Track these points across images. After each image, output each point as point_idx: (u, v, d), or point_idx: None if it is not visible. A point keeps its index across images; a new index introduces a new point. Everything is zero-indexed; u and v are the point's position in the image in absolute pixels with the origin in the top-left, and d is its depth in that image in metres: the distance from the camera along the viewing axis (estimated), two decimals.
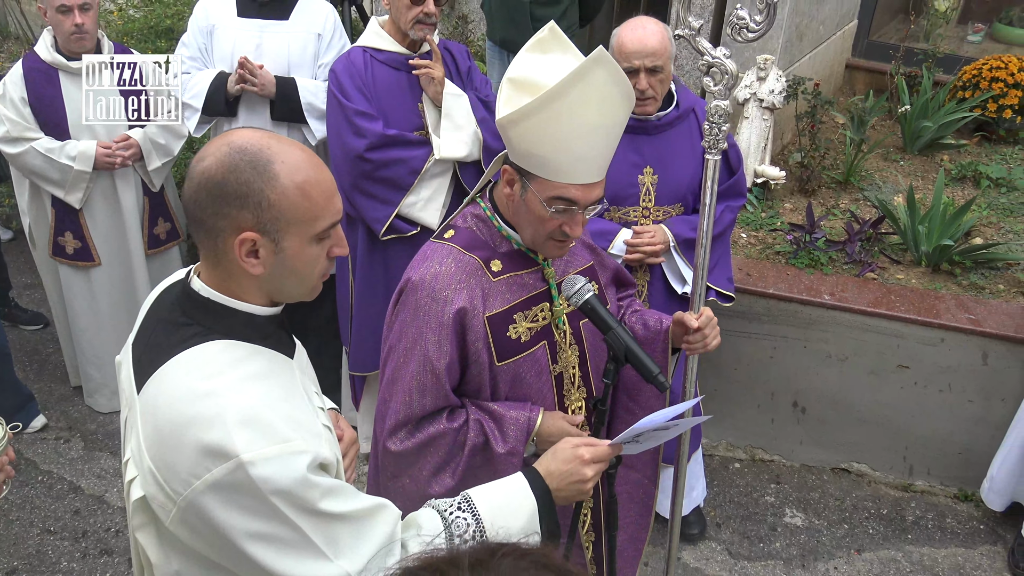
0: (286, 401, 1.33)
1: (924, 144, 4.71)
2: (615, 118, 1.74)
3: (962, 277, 3.73)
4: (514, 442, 1.86)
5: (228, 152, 1.29)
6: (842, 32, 5.20)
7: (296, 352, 1.49)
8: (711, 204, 2.11)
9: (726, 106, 2.03)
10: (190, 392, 1.27)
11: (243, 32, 3.44)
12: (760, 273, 3.75)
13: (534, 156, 1.75)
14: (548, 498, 1.56)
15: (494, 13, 4.20)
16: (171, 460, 1.26)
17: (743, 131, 4.22)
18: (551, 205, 1.77)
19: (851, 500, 3.73)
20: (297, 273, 1.37)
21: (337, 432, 1.67)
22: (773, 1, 1.88)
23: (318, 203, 1.32)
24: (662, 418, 1.64)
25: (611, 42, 2.87)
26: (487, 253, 1.90)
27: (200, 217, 1.31)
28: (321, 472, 1.32)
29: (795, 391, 3.81)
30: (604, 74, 1.66)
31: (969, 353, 3.50)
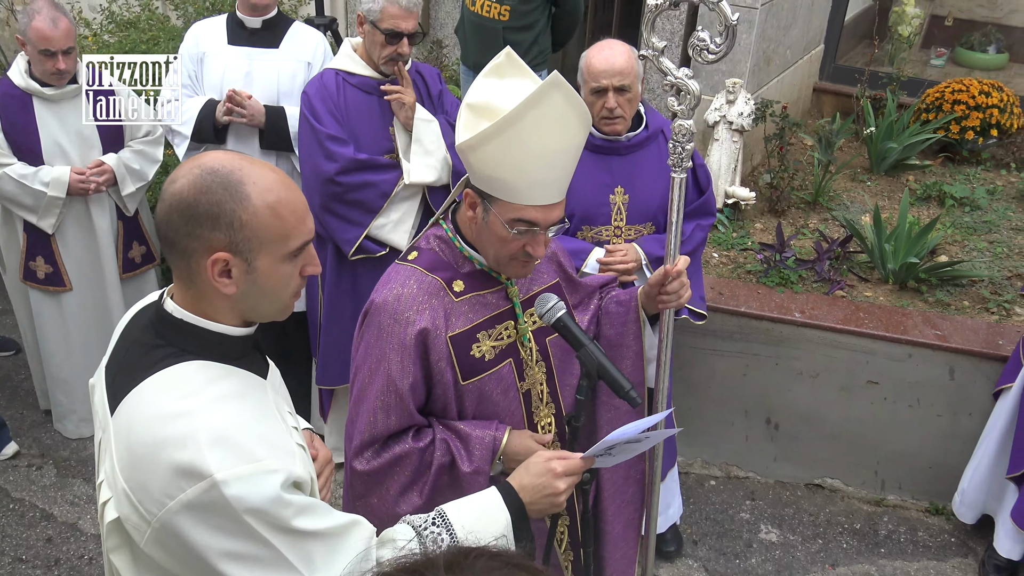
0: (259, 421, 1.34)
1: (890, 165, 4.81)
2: (572, 140, 1.78)
3: (928, 294, 3.81)
4: (480, 461, 1.88)
5: (200, 174, 1.30)
6: (809, 56, 5.32)
7: (269, 372, 1.50)
8: (678, 222, 2.14)
9: (690, 125, 2.08)
10: (163, 413, 1.28)
11: (233, 60, 3.47)
12: (732, 292, 3.81)
13: (494, 179, 1.78)
14: (522, 512, 1.59)
15: (468, 38, 4.26)
16: (145, 481, 1.27)
17: (713, 153, 4.30)
18: (513, 227, 1.80)
19: (825, 515, 3.77)
20: (270, 292, 1.38)
21: (312, 452, 1.67)
22: (732, 24, 1.92)
23: (290, 223, 1.34)
24: (633, 430, 1.67)
25: (580, 63, 2.94)
26: (449, 274, 1.92)
27: (172, 238, 1.33)
28: (295, 490, 1.32)
29: (768, 408, 3.86)
30: (560, 97, 1.70)
31: (936, 368, 3.56)
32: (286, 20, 3.56)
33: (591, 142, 3.01)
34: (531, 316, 2.02)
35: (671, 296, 2.07)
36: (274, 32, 3.49)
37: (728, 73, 4.33)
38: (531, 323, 2.01)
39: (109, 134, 3.65)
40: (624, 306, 2.16)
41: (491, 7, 4.09)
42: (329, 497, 1.70)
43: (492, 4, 4.08)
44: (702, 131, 4.45)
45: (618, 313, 2.16)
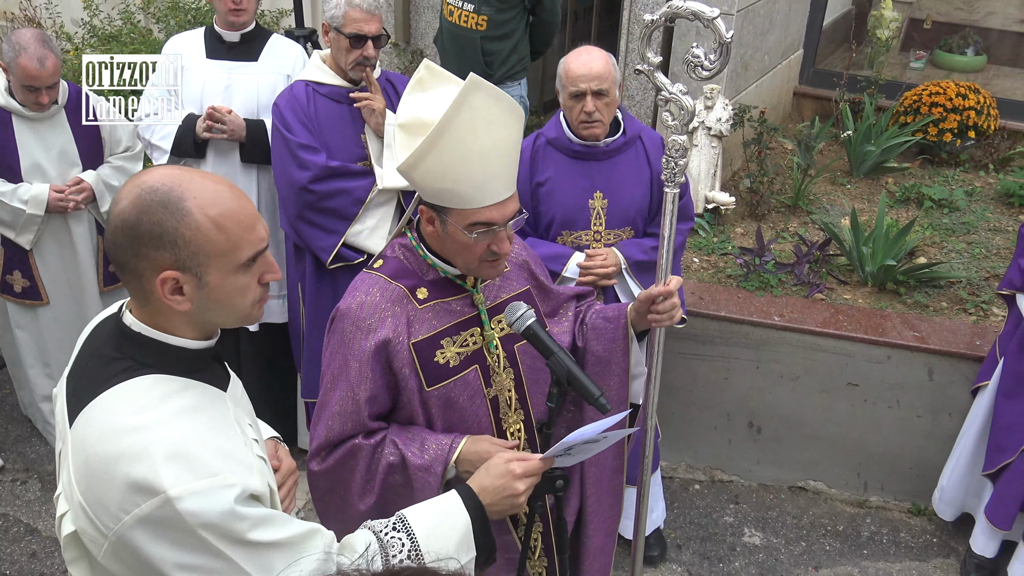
0: (216, 434, 1.34)
1: (869, 168, 4.85)
2: (506, 134, 1.80)
3: (907, 296, 3.84)
4: (431, 460, 1.89)
5: (139, 193, 1.30)
6: (788, 61, 5.36)
7: (230, 384, 1.51)
8: (670, 237, 2.14)
9: (683, 141, 2.08)
10: (119, 427, 1.28)
11: (212, 74, 3.47)
12: (712, 296, 3.83)
13: (442, 191, 1.81)
14: (482, 514, 1.61)
15: (447, 48, 4.29)
16: (100, 495, 1.27)
17: (693, 158, 4.33)
18: (472, 232, 1.82)
19: (808, 518, 3.79)
20: (227, 305, 1.38)
21: (274, 463, 1.69)
22: (727, 41, 1.93)
23: (236, 234, 1.33)
24: (592, 431, 1.69)
25: (558, 69, 2.97)
26: (413, 281, 1.95)
27: (121, 260, 1.33)
28: (253, 503, 1.33)
29: (750, 411, 3.88)
30: (482, 96, 1.73)
31: (915, 369, 3.59)
32: (264, 33, 3.57)
33: (569, 147, 3.04)
34: (499, 323, 2.03)
35: (662, 316, 2.08)
36: (252, 45, 3.50)
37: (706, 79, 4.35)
38: (498, 330, 2.03)
39: (88, 151, 3.65)
40: (613, 322, 2.17)
41: (468, 17, 4.11)
42: (293, 506, 1.71)
43: (469, 14, 4.11)
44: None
45: (606, 329, 2.17)
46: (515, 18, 4.13)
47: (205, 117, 3.36)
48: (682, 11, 1.93)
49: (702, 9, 1.89)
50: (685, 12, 1.92)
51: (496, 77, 4.22)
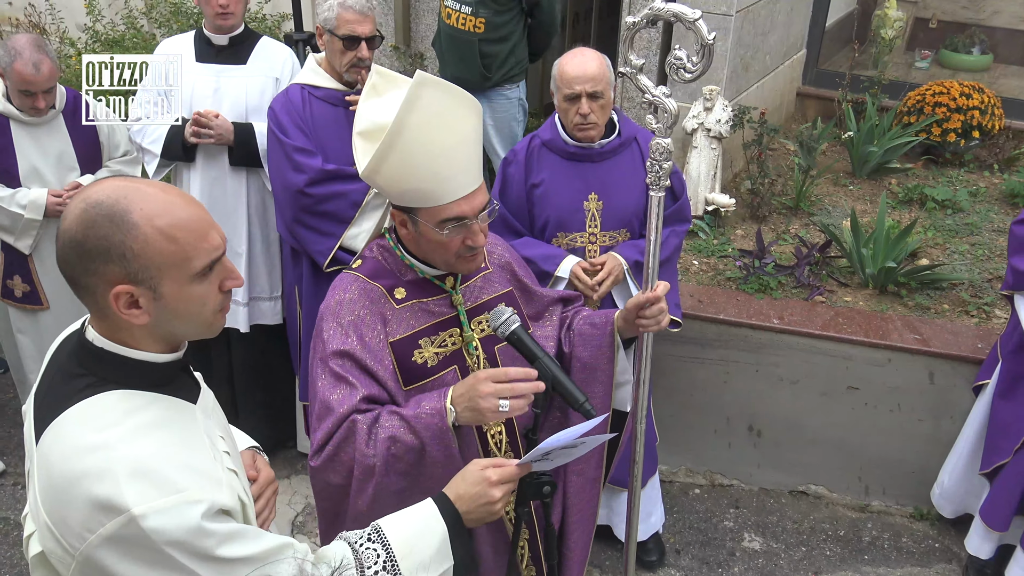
0: (183, 449, 1.32)
1: (872, 169, 4.81)
2: (463, 126, 1.80)
3: (908, 298, 3.80)
4: (431, 406, 1.85)
5: (84, 208, 1.27)
6: (791, 62, 5.32)
7: (200, 396, 1.48)
8: (656, 241, 2.13)
9: (668, 144, 2.07)
10: (81, 445, 1.26)
11: (201, 77, 3.47)
12: (711, 299, 3.80)
13: (408, 192, 1.81)
14: (459, 522, 1.58)
15: (444, 51, 4.28)
16: (65, 515, 1.26)
17: (692, 160, 4.30)
18: (443, 228, 1.82)
19: (809, 522, 3.76)
20: (185, 315, 1.35)
21: (252, 473, 1.67)
22: (708, 43, 1.91)
23: (188, 243, 1.30)
24: (570, 436, 1.67)
25: (553, 71, 2.96)
26: (391, 281, 1.95)
27: (72, 277, 1.31)
28: (222, 518, 1.31)
29: (750, 415, 3.85)
30: (432, 92, 1.73)
31: (916, 373, 3.55)
32: (254, 36, 3.57)
33: (564, 149, 3.03)
34: (479, 324, 2.02)
35: (650, 321, 2.06)
36: (241, 48, 3.50)
37: (705, 80, 4.32)
38: (479, 331, 2.02)
39: (86, 156, 3.66)
40: (599, 328, 2.15)
41: (466, 20, 4.10)
42: (273, 517, 1.69)
43: (467, 17, 4.10)
44: (681, 138, 4.45)
45: (593, 335, 2.16)
46: (512, 20, 4.12)
47: (191, 122, 3.36)
48: (663, 13, 1.91)
49: (683, 11, 1.88)
50: (666, 14, 1.91)
51: (494, 79, 4.21)
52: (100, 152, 3.74)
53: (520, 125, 4.41)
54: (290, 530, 3.68)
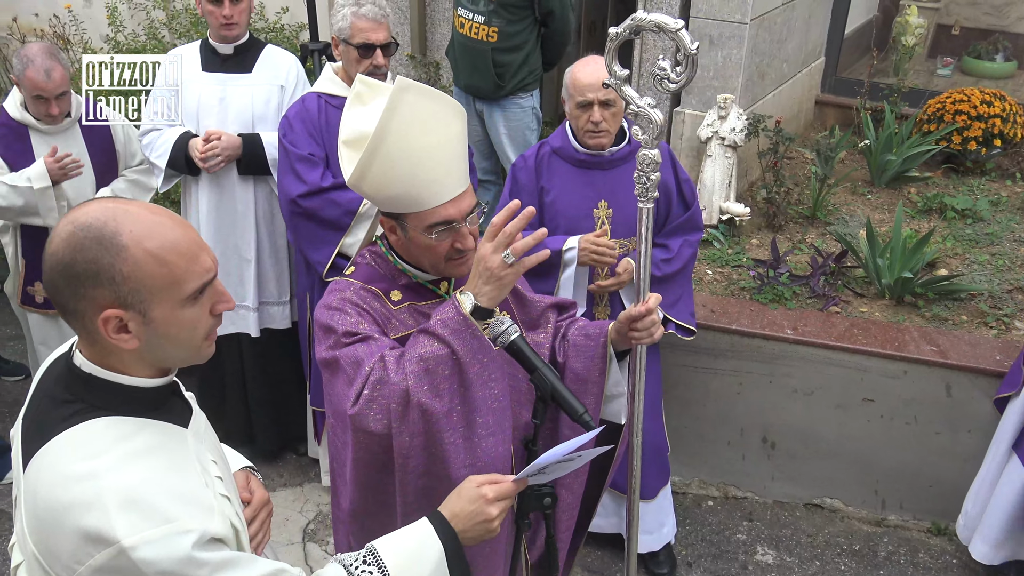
0: (173, 476, 1.30)
1: (890, 177, 4.75)
2: (447, 131, 1.79)
3: (925, 309, 3.75)
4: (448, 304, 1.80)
5: (72, 231, 1.25)
6: (809, 69, 5.28)
7: (192, 419, 1.46)
8: (646, 253, 2.11)
9: (654, 155, 2.04)
10: (69, 475, 1.24)
11: (207, 87, 3.50)
12: (724, 309, 3.77)
13: (394, 198, 1.80)
14: (455, 541, 1.56)
15: (458, 60, 4.29)
16: (53, 546, 1.24)
17: (707, 169, 4.28)
18: (432, 232, 1.82)
19: (823, 536, 3.70)
20: (175, 339, 1.33)
21: (245, 496, 1.65)
22: (692, 53, 1.90)
23: (178, 266, 1.28)
24: (565, 450, 1.66)
25: (565, 79, 2.97)
26: (386, 285, 1.95)
27: (60, 301, 1.28)
28: (214, 546, 1.28)
29: (764, 426, 3.80)
30: (413, 96, 1.72)
31: (933, 385, 3.49)
32: (259, 44, 3.58)
33: (575, 157, 3.03)
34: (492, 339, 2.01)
35: (642, 333, 2.04)
36: (246, 57, 3.51)
37: (720, 88, 4.31)
38: None
39: (102, 164, 3.70)
40: (593, 340, 2.13)
41: (479, 29, 4.11)
42: (267, 539, 1.68)
43: (480, 26, 4.10)
44: (696, 147, 4.43)
45: (586, 346, 2.14)
46: (526, 29, 4.12)
47: (199, 149, 3.37)
48: (646, 23, 1.90)
49: (665, 21, 1.86)
50: (649, 24, 1.89)
51: (508, 88, 4.21)
52: (116, 161, 3.78)
53: (534, 134, 4.40)
54: (301, 538, 3.68)
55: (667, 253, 3.11)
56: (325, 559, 3.51)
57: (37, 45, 3.42)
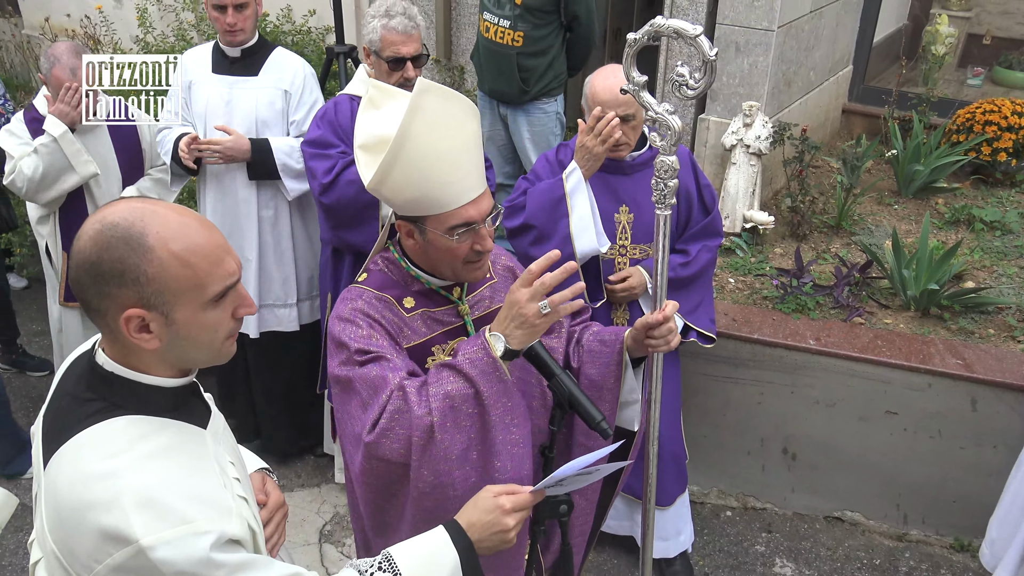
0: (192, 476, 1.30)
1: (918, 188, 4.69)
2: (466, 132, 1.80)
3: (951, 322, 3.69)
4: (475, 344, 1.82)
5: (100, 230, 1.26)
6: (836, 78, 5.23)
7: (211, 420, 1.46)
8: (663, 260, 2.09)
9: (672, 162, 2.03)
10: (88, 473, 1.25)
11: (216, 89, 3.53)
12: (745, 318, 3.74)
13: (414, 201, 1.80)
14: (471, 551, 1.55)
15: (483, 64, 4.29)
16: (72, 544, 1.25)
17: (731, 176, 4.25)
18: (453, 234, 1.82)
19: (843, 550, 3.66)
20: (197, 341, 1.34)
21: (261, 497, 1.65)
22: (710, 59, 1.88)
23: (202, 269, 1.29)
24: (584, 463, 1.65)
25: (585, 88, 2.94)
26: (399, 291, 1.94)
27: (85, 299, 1.29)
28: (232, 548, 1.29)
29: (785, 437, 3.76)
30: (434, 99, 1.73)
31: (957, 399, 3.44)
32: (267, 47, 3.59)
33: None
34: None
35: (659, 341, 2.02)
36: (253, 60, 3.53)
37: (745, 96, 4.28)
38: None
39: (128, 163, 3.74)
40: (608, 346, 2.12)
41: (504, 33, 4.11)
42: (282, 542, 1.68)
43: (506, 30, 4.11)
44: (720, 155, 4.40)
45: (602, 353, 2.13)
46: (551, 34, 4.12)
47: (189, 142, 3.43)
48: (664, 29, 1.89)
49: (684, 27, 1.85)
50: (667, 30, 1.88)
51: (532, 93, 4.21)
52: (142, 160, 3.83)
53: (557, 139, 4.39)
54: (318, 539, 3.69)
55: (685, 258, 3.10)
56: (341, 560, 3.52)
57: (64, 44, 3.47)
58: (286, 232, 3.65)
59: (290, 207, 3.64)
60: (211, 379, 4.17)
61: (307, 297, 3.82)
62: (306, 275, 3.79)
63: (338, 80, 4.43)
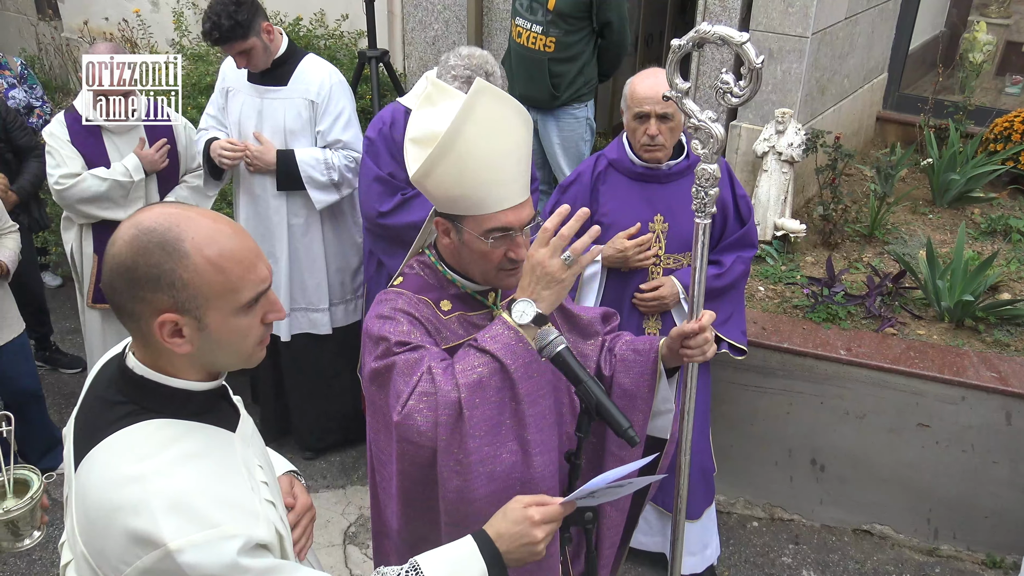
0: (220, 481, 1.31)
1: (953, 197, 4.62)
2: (516, 137, 1.79)
3: (986, 333, 3.63)
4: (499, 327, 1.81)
5: (136, 234, 1.27)
6: (871, 85, 5.17)
7: (240, 424, 1.47)
8: (701, 268, 2.07)
9: (713, 170, 2.01)
10: (119, 477, 1.26)
11: (249, 97, 3.59)
12: (775, 327, 3.70)
13: (456, 199, 1.79)
14: (499, 562, 1.53)
15: (514, 69, 4.29)
16: (102, 546, 1.26)
17: (763, 184, 4.21)
18: (489, 237, 1.81)
19: (872, 563, 3.60)
20: (228, 346, 1.35)
21: (288, 501, 1.66)
22: (756, 67, 1.86)
23: (235, 275, 1.30)
24: (616, 476, 1.63)
25: (624, 90, 2.96)
26: (436, 294, 1.94)
27: (118, 303, 1.30)
28: (259, 552, 1.29)
29: (813, 448, 3.72)
30: (489, 100, 1.72)
31: (992, 412, 3.38)
32: (297, 56, 3.60)
33: (631, 170, 3.01)
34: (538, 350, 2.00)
35: (694, 351, 2.00)
36: (283, 70, 3.55)
37: (778, 103, 4.25)
38: None
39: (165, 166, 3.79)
40: (643, 355, 2.10)
41: (536, 39, 4.11)
42: (310, 545, 1.69)
43: (538, 36, 4.11)
44: (751, 162, 4.37)
45: (636, 362, 2.10)
46: (583, 40, 4.11)
47: (223, 147, 3.52)
48: (710, 36, 1.87)
49: (730, 33, 1.83)
50: (713, 37, 1.86)
51: (563, 99, 4.21)
52: (178, 162, 3.87)
53: (587, 145, 4.39)
54: (342, 540, 3.71)
55: (718, 268, 3.08)
56: (365, 562, 3.53)
57: (103, 45, 3.54)
58: (317, 238, 3.68)
59: (321, 214, 3.67)
60: (243, 379, 4.21)
61: (340, 301, 3.85)
62: (338, 279, 3.82)
63: (369, 84, 4.46)
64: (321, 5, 5.46)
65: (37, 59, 7.07)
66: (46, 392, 4.42)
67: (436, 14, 5.26)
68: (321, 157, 3.53)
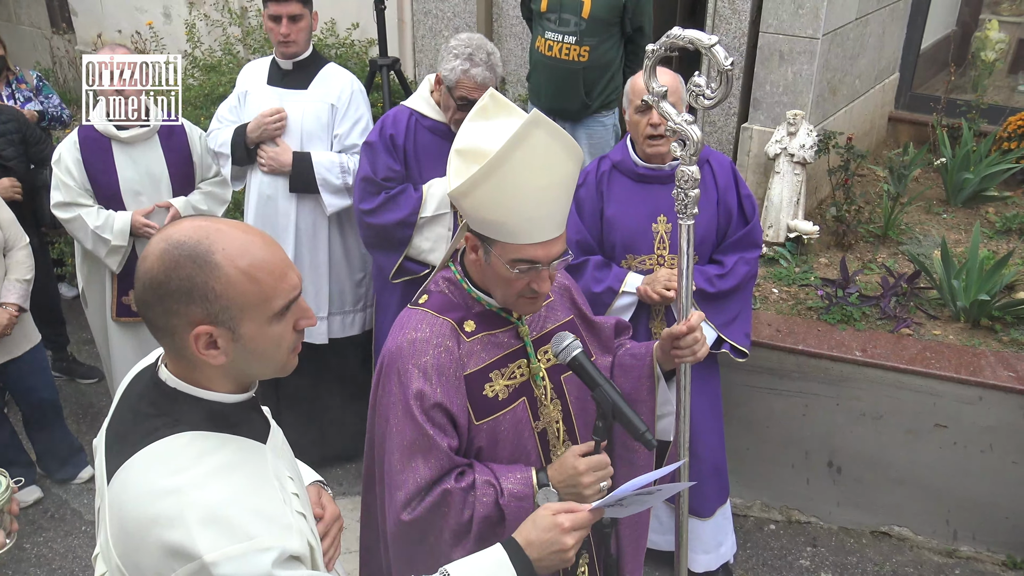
0: (253, 493, 1.32)
1: (967, 196, 4.60)
2: (562, 174, 1.77)
3: (1003, 333, 3.61)
4: (521, 484, 1.87)
5: (166, 248, 1.27)
6: (882, 85, 5.16)
7: (270, 435, 1.48)
8: (688, 268, 2.08)
9: (693, 172, 2.02)
10: (153, 489, 1.27)
11: (268, 100, 3.62)
12: (789, 328, 3.69)
13: (490, 222, 1.77)
14: (529, 569, 1.54)
15: (542, 84, 4.22)
16: (137, 559, 1.27)
17: (775, 186, 4.21)
18: (515, 267, 1.79)
19: (891, 565, 3.58)
20: (262, 355, 1.36)
21: (317, 511, 1.66)
22: (726, 69, 1.88)
23: (268, 284, 1.31)
24: (643, 482, 1.63)
25: (625, 88, 3.00)
26: (460, 314, 1.92)
27: (152, 318, 1.31)
28: (292, 564, 1.30)
29: (830, 450, 3.70)
30: (542, 133, 1.70)
31: (1010, 412, 3.36)
32: (319, 61, 3.67)
33: (634, 171, 3.02)
34: (545, 354, 2.00)
35: (685, 352, 2.01)
36: (305, 74, 3.61)
37: (789, 104, 4.24)
38: (545, 361, 2.00)
39: (180, 175, 3.82)
40: (639, 360, 2.12)
41: (571, 49, 4.03)
42: (338, 554, 1.69)
43: (572, 46, 4.03)
44: (763, 164, 4.36)
45: (633, 366, 2.13)
46: (614, 47, 4.07)
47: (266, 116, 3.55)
48: (680, 39, 1.90)
49: (699, 37, 1.86)
50: (683, 41, 1.89)
51: (593, 107, 4.17)
52: (193, 172, 3.89)
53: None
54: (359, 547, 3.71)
55: (721, 269, 3.07)
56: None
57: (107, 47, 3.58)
58: (323, 246, 3.71)
59: (329, 222, 3.69)
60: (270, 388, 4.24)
61: (339, 312, 3.85)
62: (338, 289, 3.83)
63: (380, 92, 4.47)
64: (332, 14, 5.49)
65: (51, 72, 7.14)
66: (64, 402, 4.45)
67: (446, 21, 5.28)
68: (337, 160, 3.56)
